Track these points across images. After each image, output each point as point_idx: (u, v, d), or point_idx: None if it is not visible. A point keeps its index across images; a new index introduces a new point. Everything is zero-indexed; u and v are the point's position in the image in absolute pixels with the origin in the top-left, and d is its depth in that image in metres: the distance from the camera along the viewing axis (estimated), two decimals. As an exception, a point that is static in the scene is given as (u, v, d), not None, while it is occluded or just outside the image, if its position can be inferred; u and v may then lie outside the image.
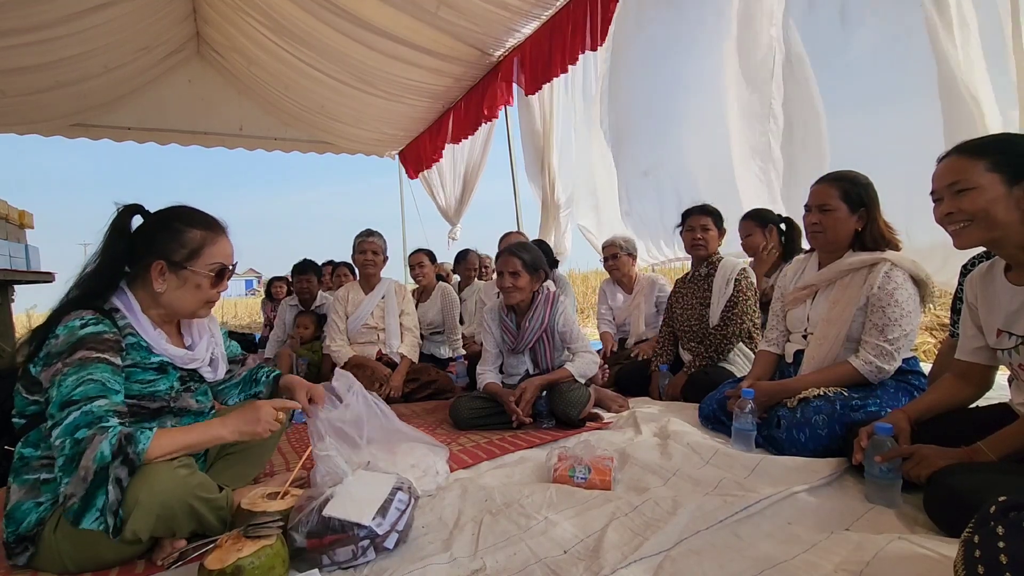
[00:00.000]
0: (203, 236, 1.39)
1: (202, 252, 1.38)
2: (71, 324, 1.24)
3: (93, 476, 1.12)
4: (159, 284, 1.35)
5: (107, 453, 1.13)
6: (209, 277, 1.39)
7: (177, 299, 1.38)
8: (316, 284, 4.39)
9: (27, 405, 1.29)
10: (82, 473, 1.12)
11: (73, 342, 1.22)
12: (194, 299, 1.40)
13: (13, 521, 1.24)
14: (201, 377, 1.52)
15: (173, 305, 1.39)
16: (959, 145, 1.40)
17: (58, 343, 1.22)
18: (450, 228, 7.39)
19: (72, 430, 1.14)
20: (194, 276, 1.37)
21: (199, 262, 1.37)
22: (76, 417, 1.14)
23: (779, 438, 1.80)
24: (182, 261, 1.36)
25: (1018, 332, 1.35)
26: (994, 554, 0.76)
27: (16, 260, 4.16)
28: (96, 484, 1.14)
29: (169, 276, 1.36)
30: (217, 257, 1.40)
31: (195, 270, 1.37)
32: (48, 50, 4.96)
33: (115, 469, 1.14)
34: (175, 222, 1.39)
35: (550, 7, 4.36)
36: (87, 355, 1.21)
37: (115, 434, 1.15)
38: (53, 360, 1.21)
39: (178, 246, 1.36)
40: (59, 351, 1.21)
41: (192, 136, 7.38)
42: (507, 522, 1.40)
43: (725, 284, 2.67)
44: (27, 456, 1.27)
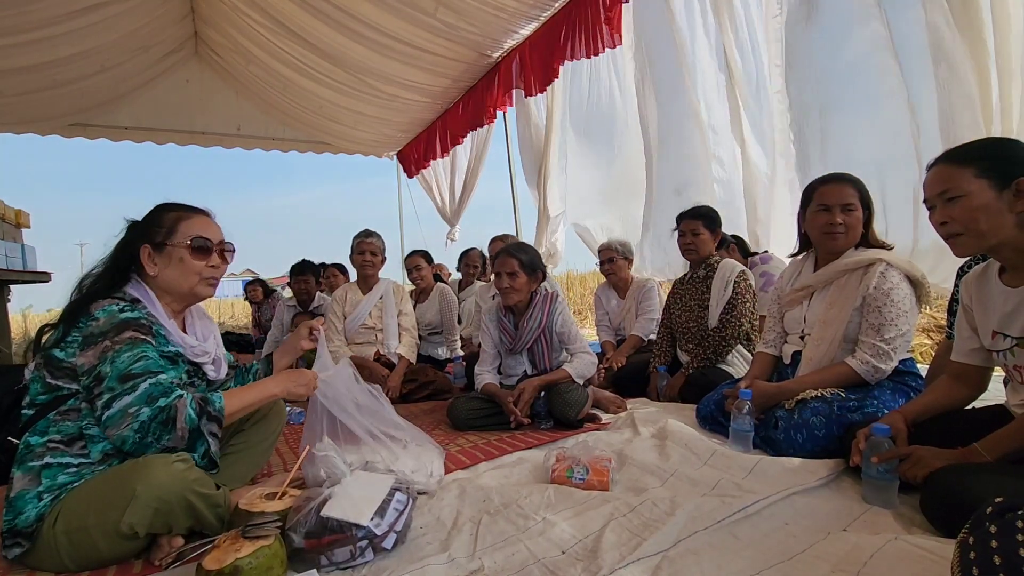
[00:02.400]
0: (177, 215, 1.50)
1: (177, 228, 1.48)
2: (109, 308, 1.33)
3: (189, 435, 1.29)
4: (151, 268, 1.46)
5: (193, 416, 1.29)
6: (187, 248, 1.47)
7: (170, 278, 1.47)
8: (314, 285, 4.40)
9: (40, 393, 1.31)
10: (180, 434, 1.28)
11: (117, 323, 1.31)
12: (183, 274, 1.47)
13: (12, 510, 1.25)
14: (203, 375, 1.56)
15: (171, 285, 1.48)
16: (946, 153, 1.42)
17: (99, 325, 1.30)
18: (449, 229, 7.40)
19: (147, 399, 1.25)
20: (175, 251, 1.46)
21: (176, 237, 1.47)
22: (147, 388, 1.26)
23: (777, 439, 1.81)
24: (162, 240, 1.46)
25: (1013, 333, 1.36)
26: (988, 556, 0.77)
27: (12, 260, 4.15)
28: (193, 439, 1.30)
29: (156, 257, 1.46)
30: (194, 230, 1.49)
31: (174, 244, 1.46)
32: (45, 49, 4.94)
33: (205, 426, 1.32)
34: (154, 211, 1.52)
35: (548, 8, 4.37)
36: (136, 335, 1.32)
37: (192, 399, 1.31)
38: (97, 339, 1.29)
39: (156, 228, 1.48)
40: (103, 331, 1.30)
41: (190, 136, 7.37)
42: (505, 523, 1.40)
43: (724, 286, 2.68)
44: (33, 444, 1.29)
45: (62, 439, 1.30)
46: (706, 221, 2.77)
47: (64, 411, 1.31)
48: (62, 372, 1.30)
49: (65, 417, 1.31)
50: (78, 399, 1.31)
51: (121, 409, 1.24)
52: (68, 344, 1.31)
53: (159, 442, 1.27)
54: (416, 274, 4.14)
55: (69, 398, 1.31)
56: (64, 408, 1.31)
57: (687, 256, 2.85)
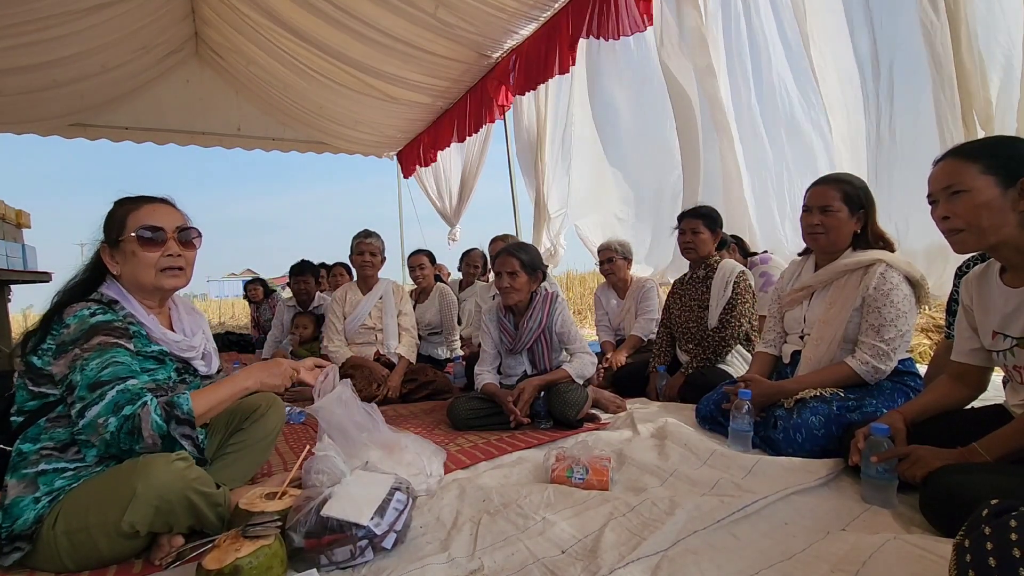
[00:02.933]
0: (125, 209, 1.46)
1: (126, 222, 1.44)
2: (80, 314, 1.31)
3: (161, 441, 1.25)
4: (113, 267, 1.44)
5: (160, 422, 1.25)
6: (135, 240, 1.43)
7: (130, 273, 1.44)
8: (314, 285, 4.39)
9: (27, 400, 1.30)
10: (150, 442, 1.24)
11: (86, 329, 1.28)
12: (139, 269, 1.43)
13: (9, 517, 1.24)
14: (195, 371, 1.54)
15: (134, 281, 1.45)
16: (954, 148, 1.42)
17: (70, 332, 1.28)
18: (449, 229, 7.39)
19: (114, 408, 1.22)
20: (126, 245, 1.43)
21: (125, 231, 1.43)
22: (115, 396, 1.22)
23: (776, 439, 1.81)
24: (115, 237, 1.44)
25: (1013, 334, 1.36)
26: (983, 558, 0.77)
27: (13, 260, 4.15)
28: (167, 444, 1.27)
29: (115, 254, 1.44)
30: (141, 221, 1.44)
31: (124, 238, 1.43)
32: (46, 49, 4.94)
33: (175, 430, 1.27)
34: (111, 209, 1.48)
35: (548, 8, 4.37)
36: (105, 340, 1.28)
37: (156, 405, 1.26)
38: (68, 348, 1.27)
39: (109, 225, 1.46)
40: (73, 339, 1.27)
41: (190, 136, 7.37)
42: (505, 522, 1.41)
43: (724, 286, 2.67)
44: (25, 451, 1.29)
45: (55, 446, 1.29)
46: (707, 221, 2.76)
47: (54, 418, 1.30)
48: (43, 379, 1.29)
49: (56, 424, 1.30)
50: (65, 406, 1.30)
51: (92, 419, 1.21)
52: (44, 352, 1.29)
53: (132, 451, 1.24)
54: (419, 272, 4.14)
55: (58, 404, 1.30)
56: (54, 415, 1.30)
57: (686, 255, 2.85)
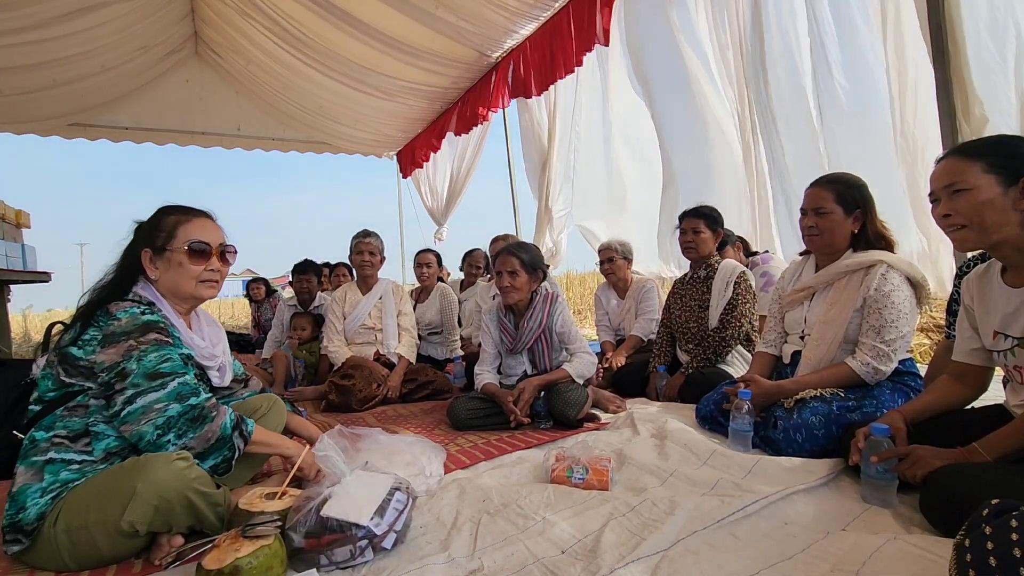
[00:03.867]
0: (176, 219, 1.51)
1: (176, 232, 1.49)
2: (131, 310, 1.36)
3: (216, 441, 1.35)
4: (152, 271, 1.48)
5: (228, 427, 1.38)
6: (185, 252, 1.48)
7: (170, 281, 1.49)
8: (316, 284, 4.38)
9: (50, 390, 1.33)
10: (208, 435, 1.34)
11: (140, 324, 1.35)
12: (182, 278, 1.49)
13: (15, 505, 1.25)
14: (208, 380, 1.57)
15: (171, 288, 1.49)
16: (956, 147, 1.42)
17: (121, 324, 1.33)
18: (436, 229, 7.37)
19: (177, 396, 1.32)
20: (174, 255, 1.48)
21: (175, 242, 1.48)
22: (177, 386, 1.32)
23: (776, 439, 1.81)
24: (162, 244, 1.48)
25: (1014, 334, 1.36)
26: (984, 557, 0.77)
27: (12, 260, 4.16)
28: (215, 447, 1.36)
29: (157, 261, 1.48)
30: (192, 235, 1.50)
31: (172, 249, 1.48)
32: (46, 49, 4.95)
33: (235, 439, 1.40)
34: (155, 215, 1.54)
35: (548, 8, 4.36)
36: (160, 338, 1.36)
37: (231, 413, 1.40)
38: (119, 338, 1.32)
39: (157, 232, 1.49)
40: (126, 331, 1.33)
41: (190, 136, 7.37)
42: (505, 522, 1.41)
43: (725, 286, 2.67)
44: (38, 439, 1.30)
45: (67, 435, 1.31)
46: (708, 220, 2.76)
47: (72, 407, 1.32)
48: (78, 370, 1.32)
49: (72, 413, 1.32)
50: (87, 395, 1.33)
51: (145, 405, 1.28)
52: (86, 342, 1.32)
53: (180, 439, 1.30)
54: (425, 271, 4.12)
55: (78, 394, 1.33)
56: (72, 404, 1.32)
57: (687, 255, 2.84)
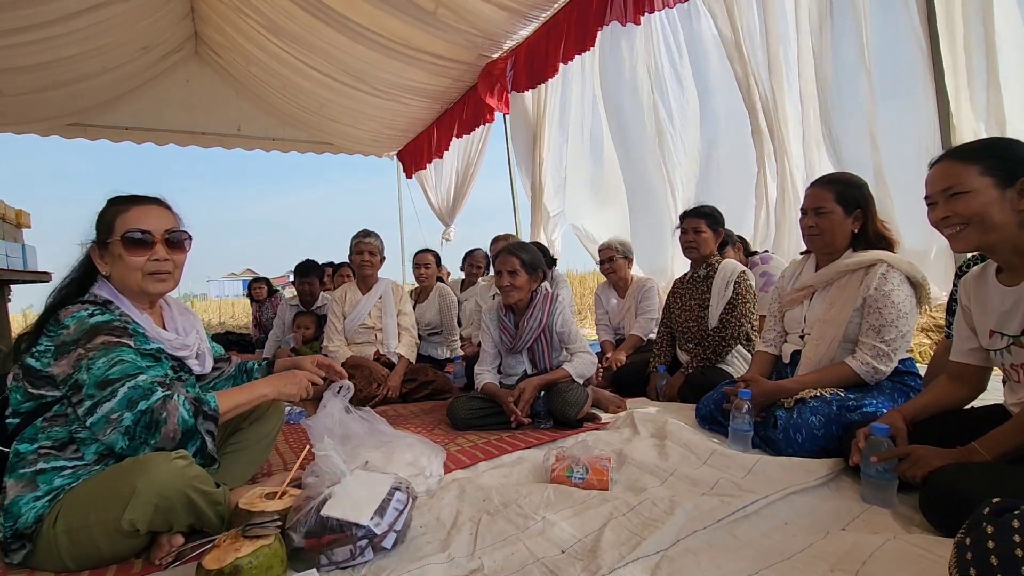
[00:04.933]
0: (115, 211, 1.45)
1: (114, 224, 1.43)
2: (78, 315, 1.30)
3: (182, 435, 1.29)
4: (103, 267, 1.43)
5: (187, 417, 1.30)
6: (121, 243, 1.41)
7: (119, 275, 1.43)
8: (318, 285, 4.39)
9: (23, 402, 1.30)
10: (169, 435, 1.27)
11: (87, 329, 1.28)
12: (126, 271, 1.42)
13: (11, 516, 1.24)
14: (189, 369, 1.55)
15: (122, 283, 1.44)
16: (951, 150, 1.43)
17: (70, 332, 1.28)
18: (444, 229, 7.39)
19: (128, 403, 1.24)
20: (115, 247, 1.42)
21: (113, 234, 1.42)
22: (127, 392, 1.24)
23: (776, 438, 1.81)
24: (104, 239, 1.43)
25: (1009, 332, 1.37)
26: (985, 556, 0.77)
27: (13, 260, 4.15)
28: (186, 439, 1.31)
29: (105, 255, 1.43)
30: (129, 224, 1.42)
31: (111, 241, 1.42)
32: (46, 50, 4.95)
33: (202, 425, 1.33)
34: (101, 209, 1.47)
35: (548, 9, 4.37)
36: (108, 340, 1.29)
37: (184, 400, 1.31)
38: (69, 348, 1.26)
39: (99, 227, 1.45)
40: (74, 339, 1.27)
41: (190, 136, 7.38)
42: (505, 522, 1.41)
43: (725, 286, 2.67)
44: (23, 452, 1.29)
45: (53, 445, 1.29)
46: (709, 220, 2.75)
47: (51, 417, 1.30)
48: (42, 381, 1.29)
49: (53, 423, 1.30)
50: (64, 405, 1.30)
51: (104, 415, 1.23)
52: (41, 354, 1.29)
53: (147, 444, 1.26)
54: (424, 271, 4.13)
55: (54, 404, 1.30)
56: (51, 415, 1.30)
57: (688, 254, 2.84)
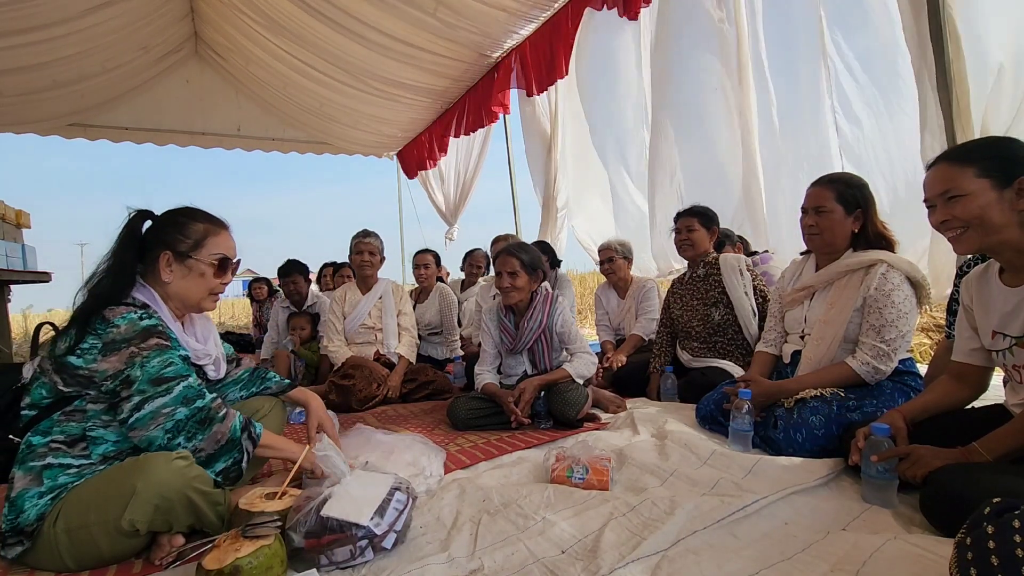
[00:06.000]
0: (206, 228, 1.49)
1: (205, 242, 1.47)
2: (129, 316, 1.33)
3: (226, 442, 1.35)
4: (167, 275, 1.44)
5: (238, 428, 1.38)
6: (212, 266, 1.48)
7: (184, 288, 1.47)
8: (304, 284, 4.35)
9: (45, 397, 1.31)
10: (217, 436, 1.34)
11: (140, 331, 1.32)
12: (199, 288, 1.48)
13: (14, 509, 1.25)
14: (205, 375, 1.57)
15: (181, 295, 1.47)
16: (946, 152, 1.42)
17: (121, 331, 1.30)
18: (447, 228, 7.39)
19: (183, 400, 1.31)
20: (198, 265, 1.46)
21: (202, 252, 1.47)
22: (182, 390, 1.32)
23: (776, 438, 1.81)
24: (187, 251, 1.46)
25: (1012, 333, 1.37)
26: (986, 556, 0.77)
27: (13, 260, 4.15)
28: (225, 449, 1.36)
29: (176, 266, 1.45)
30: (220, 248, 1.49)
31: (198, 259, 1.46)
32: (46, 50, 4.94)
33: (244, 441, 1.40)
34: (180, 217, 1.49)
35: (548, 8, 4.37)
36: (161, 343, 1.34)
37: (240, 416, 1.40)
38: (120, 345, 1.29)
39: (183, 237, 1.46)
40: (126, 338, 1.30)
41: (190, 136, 7.37)
42: (505, 522, 1.40)
43: (739, 275, 2.66)
44: (35, 444, 1.29)
45: (65, 439, 1.30)
46: (701, 219, 2.77)
47: (69, 411, 1.31)
48: (76, 379, 1.29)
49: (70, 418, 1.31)
50: (84, 400, 1.31)
51: (154, 410, 1.28)
52: (85, 351, 1.29)
53: (190, 442, 1.31)
54: (423, 271, 4.13)
55: (75, 399, 1.31)
56: (69, 409, 1.31)
57: (682, 254, 2.85)
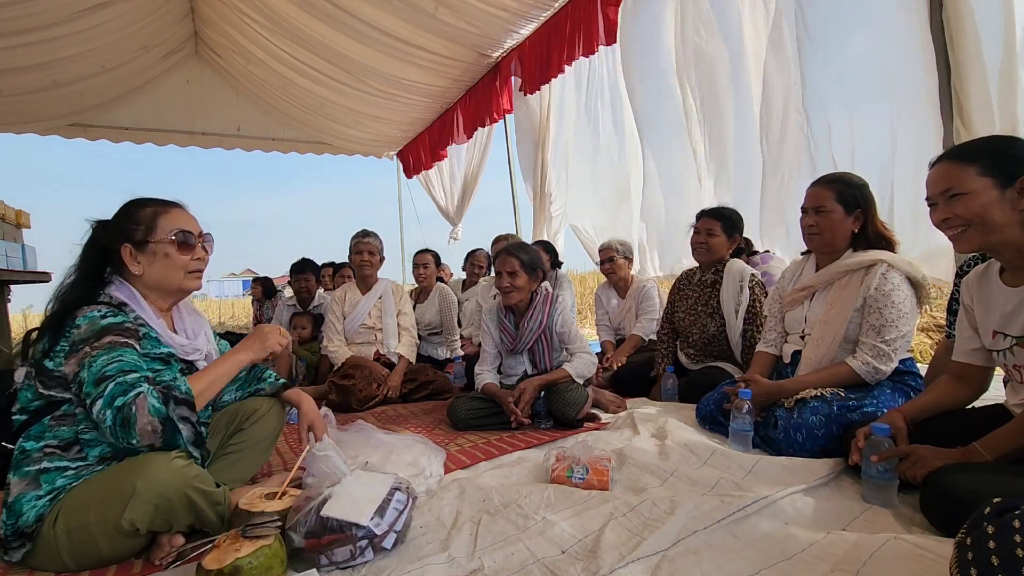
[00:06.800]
0: (154, 211, 1.46)
1: (156, 224, 1.44)
2: (91, 315, 1.30)
3: (162, 426, 1.23)
4: (135, 267, 1.43)
5: (159, 405, 1.23)
6: (172, 243, 1.44)
7: (157, 275, 1.45)
8: (315, 283, 4.38)
9: (32, 401, 1.31)
10: (146, 429, 1.21)
11: (97, 329, 1.28)
12: (170, 270, 1.45)
13: (13, 514, 1.25)
14: (196, 369, 1.54)
15: (158, 283, 1.45)
16: (949, 151, 1.42)
17: (81, 332, 1.28)
18: (451, 228, 7.39)
19: (110, 400, 1.20)
20: (158, 248, 1.43)
21: (157, 233, 1.44)
22: (112, 388, 1.21)
23: (776, 438, 1.81)
24: (143, 238, 1.43)
25: (1012, 333, 1.36)
26: (986, 556, 0.77)
27: (12, 260, 4.15)
28: (169, 431, 1.24)
29: (140, 256, 1.43)
30: (174, 224, 1.46)
31: (156, 241, 1.43)
32: (46, 50, 4.95)
33: (175, 411, 1.25)
34: (128, 209, 1.47)
35: (548, 8, 4.37)
36: (115, 340, 1.28)
37: (151, 389, 1.24)
38: (79, 347, 1.26)
39: (135, 226, 1.44)
40: (84, 338, 1.27)
41: (190, 136, 7.37)
42: (505, 522, 1.41)
43: (739, 290, 2.59)
44: (28, 449, 1.29)
45: (58, 444, 1.30)
46: (725, 223, 2.66)
47: (59, 416, 1.30)
48: (54, 382, 1.29)
49: (60, 423, 1.30)
50: (72, 405, 1.30)
51: (96, 414, 1.21)
52: (56, 354, 1.29)
53: (131, 444, 1.22)
54: (422, 271, 4.13)
55: (63, 403, 1.31)
56: (59, 414, 1.31)
57: (697, 255, 2.76)
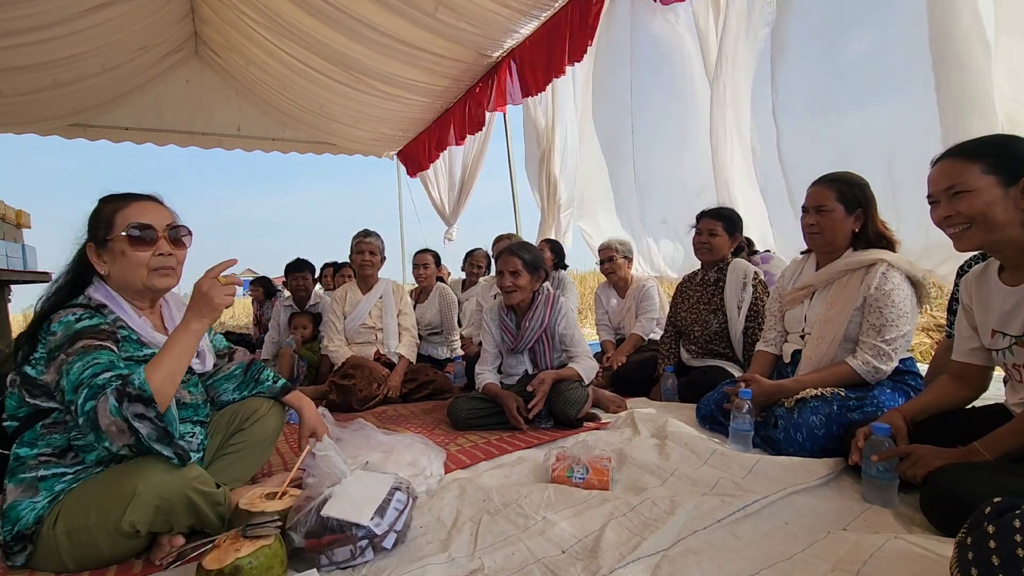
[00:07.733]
0: (113, 207, 1.41)
1: (114, 220, 1.40)
2: (66, 320, 1.28)
3: (126, 425, 1.15)
4: (101, 266, 1.40)
5: (114, 402, 1.15)
6: (125, 239, 1.38)
7: (120, 273, 1.40)
8: (311, 282, 4.36)
9: (18, 408, 1.30)
10: (114, 429, 1.14)
11: (71, 334, 1.25)
12: (131, 268, 1.39)
13: (10, 520, 1.24)
14: (191, 368, 1.53)
15: (123, 281, 1.41)
16: (953, 148, 1.41)
17: (56, 338, 1.25)
18: (446, 228, 7.39)
19: (83, 406, 1.16)
20: (116, 244, 1.38)
21: (114, 230, 1.39)
22: (86, 393, 1.17)
23: (776, 438, 1.81)
24: (103, 236, 1.39)
25: (1012, 332, 1.36)
26: (986, 555, 0.77)
27: (13, 260, 4.15)
28: (133, 430, 1.16)
29: (104, 254, 1.40)
30: (130, 219, 1.39)
31: (113, 238, 1.39)
32: (46, 50, 4.95)
33: (127, 409, 1.15)
34: (96, 208, 1.44)
35: (548, 8, 4.37)
36: (89, 343, 1.24)
37: (112, 388, 1.16)
38: (55, 354, 1.24)
39: (95, 225, 1.41)
40: (59, 344, 1.24)
41: (190, 136, 7.38)
42: (505, 522, 1.41)
43: (741, 288, 2.61)
44: (23, 456, 1.28)
45: (53, 452, 1.29)
46: (726, 223, 2.69)
47: (50, 424, 1.30)
48: (39, 391, 1.28)
49: (52, 430, 1.30)
50: (61, 412, 1.29)
51: (79, 421, 1.18)
52: (37, 361, 1.27)
53: (109, 449, 1.18)
54: (422, 271, 4.13)
55: (52, 411, 1.30)
56: (49, 421, 1.30)
57: (699, 255, 2.78)
